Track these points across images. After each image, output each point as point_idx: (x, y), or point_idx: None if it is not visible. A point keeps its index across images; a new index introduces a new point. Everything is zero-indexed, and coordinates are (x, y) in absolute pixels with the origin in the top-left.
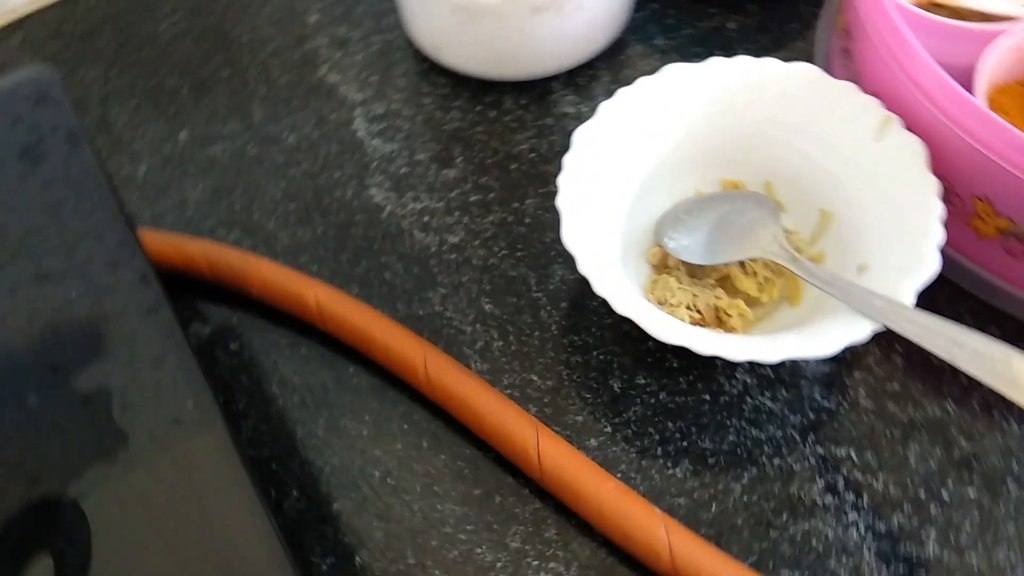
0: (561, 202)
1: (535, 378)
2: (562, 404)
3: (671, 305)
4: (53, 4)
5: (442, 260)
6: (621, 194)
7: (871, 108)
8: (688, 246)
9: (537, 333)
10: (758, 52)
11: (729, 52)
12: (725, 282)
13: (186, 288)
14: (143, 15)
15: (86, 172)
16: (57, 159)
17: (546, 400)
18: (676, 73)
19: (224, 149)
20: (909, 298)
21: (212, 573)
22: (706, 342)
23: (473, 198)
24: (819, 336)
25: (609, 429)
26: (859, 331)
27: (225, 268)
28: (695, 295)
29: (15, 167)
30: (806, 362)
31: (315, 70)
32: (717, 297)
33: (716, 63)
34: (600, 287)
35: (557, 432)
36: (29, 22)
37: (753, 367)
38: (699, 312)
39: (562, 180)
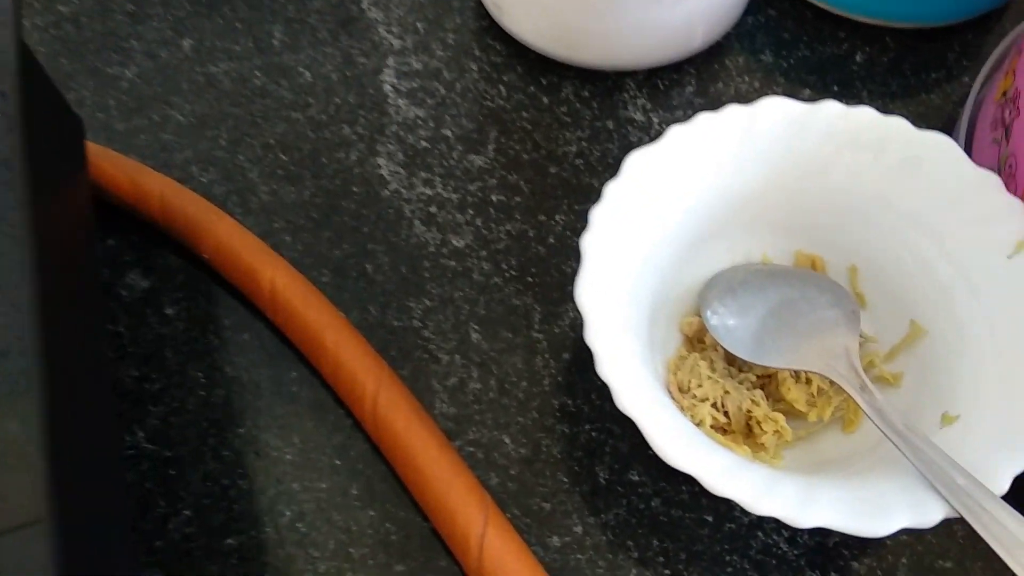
0: (587, 244)
1: (507, 441)
2: (531, 483)
3: (693, 397)
4: None
5: (438, 264)
6: (668, 245)
7: (1015, 215)
8: (733, 330)
9: (524, 384)
10: (882, 98)
11: (847, 90)
12: (768, 383)
13: (140, 228)
14: None
15: None
16: None
17: (513, 472)
18: (776, 108)
19: (228, 71)
20: (1002, 484)
21: None
22: (722, 478)
23: (495, 197)
24: (869, 506)
25: (580, 529)
26: (925, 516)
27: (179, 216)
28: (726, 391)
29: None
30: None
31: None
32: (754, 401)
33: (832, 108)
34: (605, 369)
35: (515, 517)
36: None
37: None
38: (726, 415)
39: (596, 215)
